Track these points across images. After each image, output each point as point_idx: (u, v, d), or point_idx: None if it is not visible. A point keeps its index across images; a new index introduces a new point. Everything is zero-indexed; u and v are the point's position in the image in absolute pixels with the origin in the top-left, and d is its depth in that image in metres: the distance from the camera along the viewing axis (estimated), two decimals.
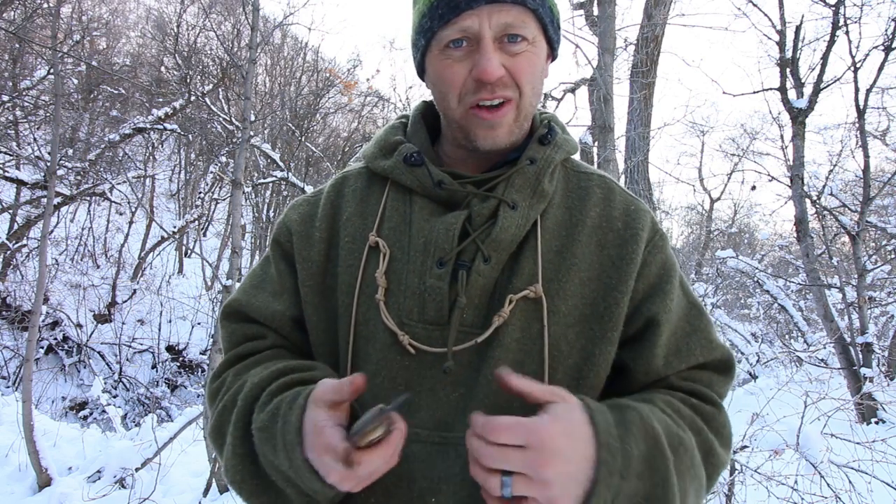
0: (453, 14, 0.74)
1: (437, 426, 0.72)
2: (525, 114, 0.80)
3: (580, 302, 0.78)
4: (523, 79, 0.77)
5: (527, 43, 0.77)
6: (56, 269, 10.83)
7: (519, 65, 0.77)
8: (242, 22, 10.59)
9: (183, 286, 12.85)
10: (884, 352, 7.96)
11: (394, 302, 0.77)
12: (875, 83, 6.56)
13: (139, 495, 3.68)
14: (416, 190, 0.82)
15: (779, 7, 6.62)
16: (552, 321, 0.75)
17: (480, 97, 0.76)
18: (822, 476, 2.87)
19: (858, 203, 7.17)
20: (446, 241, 0.77)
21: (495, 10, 0.74)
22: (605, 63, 5.23)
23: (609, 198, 0.85)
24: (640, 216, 0.84)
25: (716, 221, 18.53)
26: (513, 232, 0.78)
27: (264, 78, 16.39)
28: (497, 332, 0.74)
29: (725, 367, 0.85)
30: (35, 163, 8.18)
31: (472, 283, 0.76)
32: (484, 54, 0.75)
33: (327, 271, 0.83)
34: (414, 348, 0.74)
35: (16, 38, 7.83)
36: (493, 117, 0.77)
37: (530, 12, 0.77)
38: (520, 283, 0.76)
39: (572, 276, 0.78)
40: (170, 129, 10.56)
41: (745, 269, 9.13)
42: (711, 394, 0.81)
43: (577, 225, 0.82)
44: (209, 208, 14.69)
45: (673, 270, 0.84)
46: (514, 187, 0.80)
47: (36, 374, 7.57)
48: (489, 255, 0.77)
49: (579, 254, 0.79)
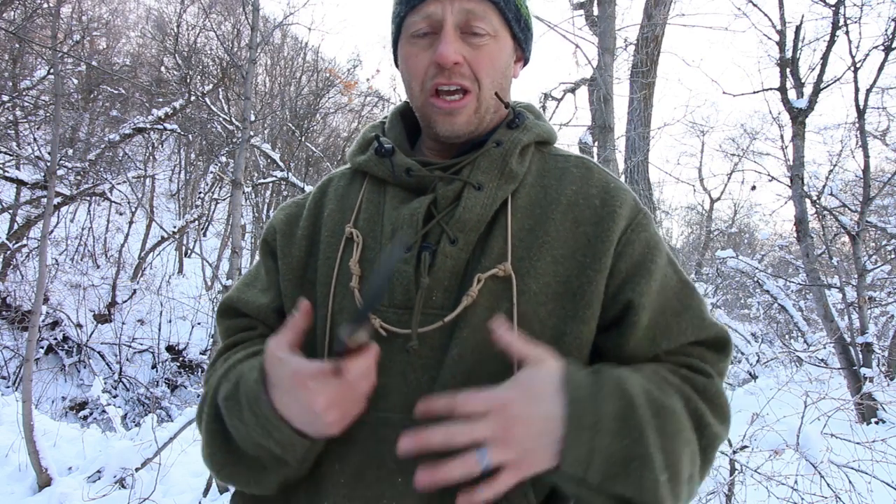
0: (419, 0, 0.78)
1: (407, 409, 0.71)
2: (486, 106, 0.82)
3: (553, 280, 0.76)
4: (482, 71, 0.79)
5: (489, 37, 0.79)
6: (56, 269, 10.82)
7: (479, 57, 0.79)
8: (242, 22, 10.59)
9: (183, 286, 12.85)
10: (884, 352, 7.96)
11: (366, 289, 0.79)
12: (875, 83, 6.56)
13: (139, 495, 3.68)
14: (389, 180, 0.85)
15: (779, 7, 6.62)
16: (522, 300, 0.74)
17: (438, 81, 0.79)
18: (822, 476, 2.87)
19: (858, 203, 7.17)
20: (411, 224, 0.78)
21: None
22: (605, 63, 5.23)
23: (586, 176, 0.84)
24: (619, 194, 0.83)
25: (716, 221, 18.53)
26: (478, 212, 0.78)
27: (264, 78, 16.39)
28: (465, 313, 0.74)
29: (720, 345, 0.82)
30: (35, 163, 8.18)
31: (440, 265, 0.76)
32: (443, 39, 0.77)
33: (308, 266, 0.87)
34: (385, 331, 0.75)
35: (16, 38, 7.83)
36: (451, 106, 0.80)
37: (492, 5, 0.79)
38: (489, 262, 0.76)
39: (544, 254, 0.77)
40: (170, 129, 10.57)
41: (745, 269, 9.13)
42: (704, 365, 0.79)
43: (552, 203, 0.81)
44: (209, 208, 14.69)
45: (657, 250, 0.81)
46: (480, 169, 0.80)
47: (36, 374, 7.57)
48: (455, 236, 0.77)
49: (552, 231, 0.78)
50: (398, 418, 0.72)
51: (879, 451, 3.12)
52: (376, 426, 0.72)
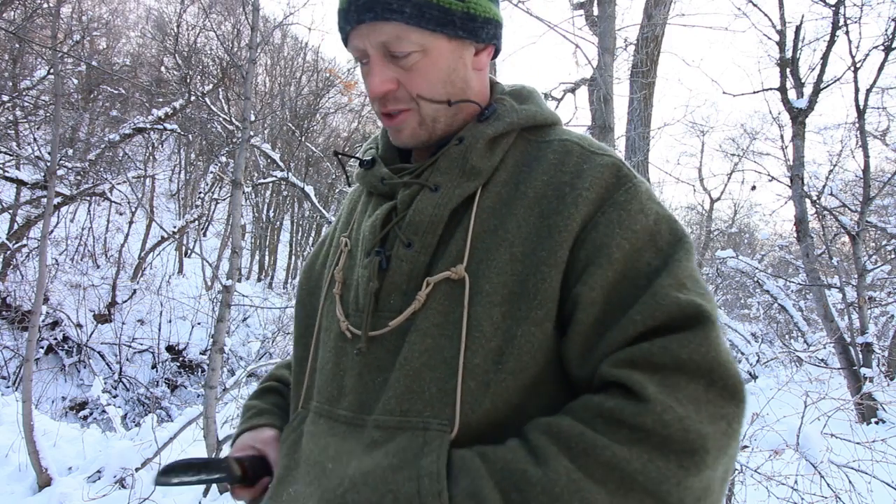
0: (344, 34, 0.80)
1: (359, 408, 0.74)
2: (431, 117, 0.80)
3: (509, 279, 0.71)
4: (417, 89, 0.78)
5: (417, 53, 0.76)
6: (56, 269, 10.83)
7: (410, 77, 0.77)
8: (242, 22, 10.59)
9: (183, 286, 12.86)
10: (884, 352, 7.96)
11: (346, 295, 0.83)
12: (875, 83, 6.57)
13: (139, 495, 3.68)
14: (372, 190, 0.87)
15: (779, 7, 6.63)
16: (475, 301, 0.71)
17: (381, 109, 0.81)
18: (822, 476, 2.87)
19: (858, 203, 7.17)
20: (371, 230, 0.81)
21: (372, 29, 0.75)
22: (605, 63, 5.22)
23: (563, 161, 0.77)
24: (592, 171, 0.74)
25: (716, 221, 18.54)
26: (430, 213, 0.76)
27: (264, 78, 16.40)
28: (415, 317, 0.74)
29: (686, 321, 0.65)
30: (35, 163, 8.18)
31: (394, 269, 0.77)
32: (370, 72, 0.78)
33: (320, 276, 0.94)
34: (351, 333, 0.78)
35: (16, 38, 7.83)
36: (394, 123, 0.81)
37: (405, 25, 0.74)
38: (445, 265, 0.74)
39: (501, 253, 0.72)
40: (170, 129, 10.57)
41: (745, 269, 9.13)
42: (642, 384, 0.61)
43: (519, 198, 0.75)
44: (209, 208, 14.70)
45: (630, 230, 0.70)
46: (440, 170, 0.79)
47: (36, 374, 7.56)
48: (409, 239, 0.77)
49: (512, 228, 0.73)
50: (351, 416, 0.75)
51: (879, 451, 3.12)
52: (335, 423, 0.76)
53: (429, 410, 0.69)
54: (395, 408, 0.70)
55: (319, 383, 0.80)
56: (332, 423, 0.76)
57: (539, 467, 0.60)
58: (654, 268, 0.69)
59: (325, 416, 0.77)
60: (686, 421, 0.60)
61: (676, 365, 0.63)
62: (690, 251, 0.72)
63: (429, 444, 0.66)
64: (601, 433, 0.61)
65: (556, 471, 0.60)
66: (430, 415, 0.68)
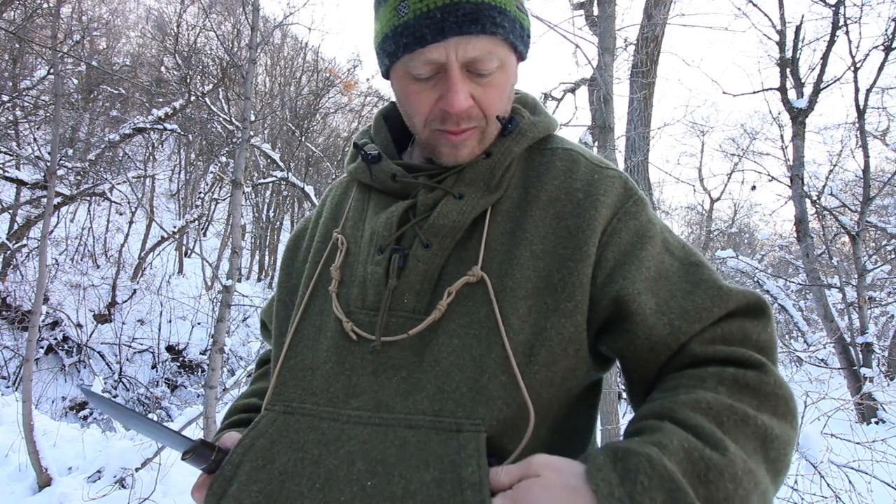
0: (419, 45, 0.71)
1: (378, 408, 0.71)
2: (489, 136, 0.80)
3: (532, 275, 0.74)
4: (491, 108, 0.76)
5: (498, 70, 0.75)
6: (56, 269, 10.83)
7: (488, 94, 0.75)
8: (242, 22, 10.59)
9: (183, 286, 12.85)
10: (884, 352, 7.97)
11: (344, 293, 0.80)
12: (875, 83, 6.58)
13: (139, 495, 3.68)
14: (375, 186, 0.86)
15: (779, 7, 6.63)
16: (499, 298, 0.72)
17: (447, 128, 0.76)
18: (822, 476, 2.87)
19: (858, 203, 7.17)
20: (386, 228, 0.79)
21: (462, 42, 0.70)
22: (605, 63, 5.22)
23: (571, 170, 0.81)
24: (604, 182, 0.79)
25: (716, 221, 18.56)
26: (454, 218, 0.77)
27: (264, 78, 16.41)
28: (441, 319, 0.73)
29: (756, 309, 0.74)
30: (35, 163, 8.18)
31: (411, 268, 0.76)
32: (451, 87, 0.73)
33: (300, 272, 0.91)
34: (356, 335, 0.76)
35: (16, 38, 7.83)
36: (458, 140, 0.77)
37: (500, 40, 0.73)
38: (463, 268, 0.75)
39: (522, 251, 0.75)
40: (170, 129, 10.56)
41: (745, 269, 9.13)
42: (749, 354, 0.68)
43: (532, 202, 0.78)
44: (209, 208, 14.69)
45: (647, 237, 0.76)
46: (465, 181, 0.79)
47: (36, 374, 7.57)
48: (429, 241, 0.77)
49: (530, 228, 0.76)
50: (368, 416, 0.71)
51: (879, 451, 3.12)
52: (347, 424, 0.71)
53: (461, 411, 0.68)
54: (428, 408, 0.69)
55: (313, 385, 0.75)
56: (336, 424, 0.71)
57: (716, 451, 0.58)
58: (677, 267, 0.77)
59: (327, 418, 0.72)
60: (786, 385, 0.68)
61: (757, 346, 0.72)
62: (674, 248, 0.80)
63: (465, 449, 0.65)
64: (737, 401, 0.64)
65: (734, 453, 0.59)
66: (462, 415, 0.68)
